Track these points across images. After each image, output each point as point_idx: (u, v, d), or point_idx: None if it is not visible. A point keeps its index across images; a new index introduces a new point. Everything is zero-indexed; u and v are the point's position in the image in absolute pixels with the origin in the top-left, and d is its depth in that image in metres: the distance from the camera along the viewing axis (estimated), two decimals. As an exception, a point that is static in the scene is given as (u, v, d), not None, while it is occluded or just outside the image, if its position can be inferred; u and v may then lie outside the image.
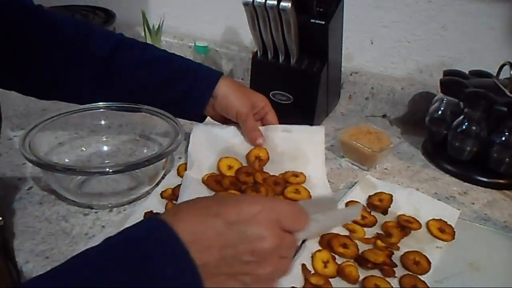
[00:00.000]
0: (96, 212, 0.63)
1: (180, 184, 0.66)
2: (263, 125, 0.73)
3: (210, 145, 0.70)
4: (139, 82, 0.69)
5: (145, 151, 0.74)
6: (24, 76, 0.65)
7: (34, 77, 0.65)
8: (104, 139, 0.76)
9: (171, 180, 0.68)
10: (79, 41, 0.66)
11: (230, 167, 0.68)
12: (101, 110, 0.73)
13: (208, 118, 0.75)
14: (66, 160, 0.70)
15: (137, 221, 0.58)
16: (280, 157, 0.70)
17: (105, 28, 0.68)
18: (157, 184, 0.67)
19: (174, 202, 0.63)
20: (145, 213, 0.60)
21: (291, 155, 0.71)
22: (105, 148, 0.76)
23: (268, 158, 0.69)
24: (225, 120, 0.73)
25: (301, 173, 0.69)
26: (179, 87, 0.70)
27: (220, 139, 0.71)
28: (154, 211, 0.61)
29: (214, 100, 0.70)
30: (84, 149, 0.74)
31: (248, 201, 0.40)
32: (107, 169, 0.59)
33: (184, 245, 0.36)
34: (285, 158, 0.70)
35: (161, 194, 0.65)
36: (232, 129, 0.71)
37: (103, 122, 0.76)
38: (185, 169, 0.70)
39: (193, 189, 0.63)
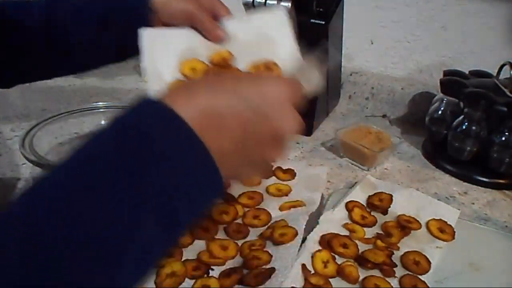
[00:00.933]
0: (96, 212, 0.62)
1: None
2: (216, 20, 0.64)
3: (166, 49, 0.62)
4: (83, 29, 0.65)
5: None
6: None
7: None
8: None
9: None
10: (20, 21, 0.63)
11: (193, 69, 0.60)
12: (101, 110, 0.73)
13: None
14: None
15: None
16: (244, 48, 0.62)
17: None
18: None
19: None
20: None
21: (256, 43, 0.62)
22: None
23: (232, 55, 0.61)
24: None
25: (274, 63, 0.60)
26: (118, 17, 0.65)
27: (175, 42, 0.62)
28: (154, 211, 0.61)
29: (156, 14, 0.63)
30: None
31: (267, 81, 0.38)
32: None
33: (195, 133, 0.32)
34: (251, 48, 0.62)
35: (161, 194, 0.65)
36: (185, 30, 0.63)
37: (103, 122, 0.76)
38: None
39: None
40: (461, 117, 0.76)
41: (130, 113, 0.33)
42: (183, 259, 0.53)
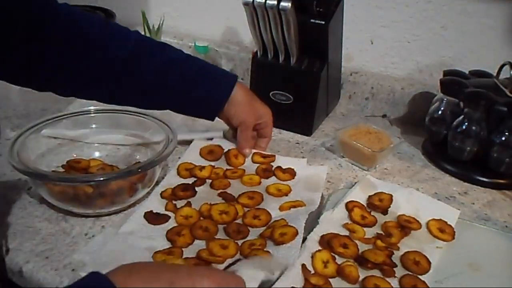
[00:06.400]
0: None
1: (181, 184, 0.66)
2: (258, 136, 0.77)
3: None
4: (156, 86, 0.68)
5: (137, 157, 0.73)
6: (41, 73, 0.62)
7: (53, 74, 0.63)
8: (96, 144, 0.76)
9: (171, 180, 0.68)
10: (99, 40, 0.64)
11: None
12: (92, 115, 0.73)
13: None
14: (57, 166, 0.69)
15: (137, 220, 0.59)
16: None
17: (123, 27, 0.67)
18: (157, 184, 0.67)
19: (174, 202, 0.63)
20: (145, 213, 0.60)
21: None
22: (97, 153, 0.75)
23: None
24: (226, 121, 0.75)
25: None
26: (196, 91, 0.70)
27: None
28: (154, 211, 0.61)
29: (227, 105, 0.71)
30: (75, 156, 0.73)
31: (201, 274, 0.42)
32: (100, 178, 0.58)
33: None
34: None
35: (161, 194, 0.65)
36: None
37: (94, 126, 0.75)
38: (185, 169, 0.70)
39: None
40: (461, 117, 0.76)
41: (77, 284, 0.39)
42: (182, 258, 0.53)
